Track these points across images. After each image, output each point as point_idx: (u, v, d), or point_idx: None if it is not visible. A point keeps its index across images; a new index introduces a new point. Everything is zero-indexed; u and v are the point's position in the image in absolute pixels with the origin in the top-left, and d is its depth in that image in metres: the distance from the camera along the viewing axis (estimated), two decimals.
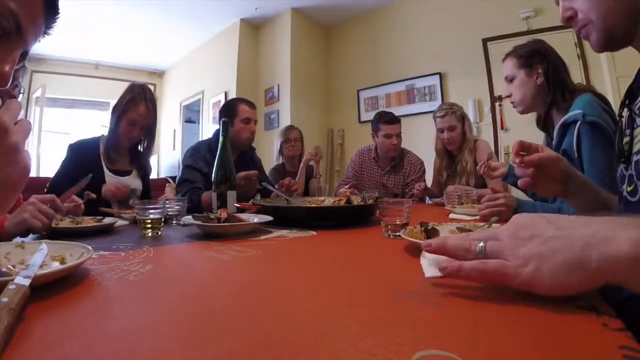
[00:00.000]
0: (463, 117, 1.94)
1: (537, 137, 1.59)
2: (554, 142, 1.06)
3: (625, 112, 0.59)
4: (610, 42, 0.55)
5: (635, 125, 0.55)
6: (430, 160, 2.22)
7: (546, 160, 0.63)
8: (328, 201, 1.21)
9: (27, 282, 0.31)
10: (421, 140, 3.21)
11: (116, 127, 1.41)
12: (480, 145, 1.93)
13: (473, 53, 3.03)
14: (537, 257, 0.31)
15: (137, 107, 1.39)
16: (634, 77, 0.58)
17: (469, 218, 1.07)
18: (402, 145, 2.25)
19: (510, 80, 1.24)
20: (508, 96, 1.28)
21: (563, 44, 2.39)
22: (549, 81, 1.14)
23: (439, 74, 3.29)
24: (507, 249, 0.34)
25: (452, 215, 1.16)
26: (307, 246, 0.67)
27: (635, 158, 0.53)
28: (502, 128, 2.93)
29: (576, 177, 0.68)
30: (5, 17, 0.38)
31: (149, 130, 1.48)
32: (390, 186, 2.12)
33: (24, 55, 0.50)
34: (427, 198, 2.03)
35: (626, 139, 0.57)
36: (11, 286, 0.29)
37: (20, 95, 1.06)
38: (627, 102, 0.58)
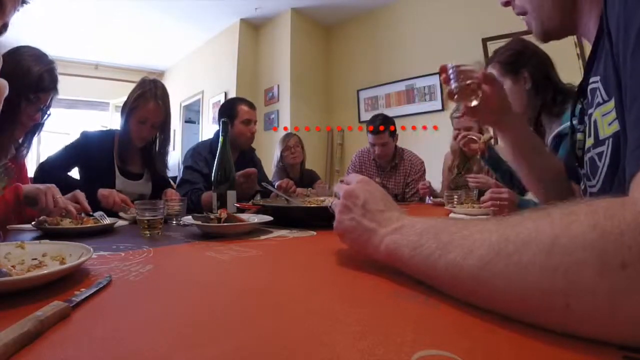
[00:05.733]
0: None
1: None
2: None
3: (577, 107, 0.60)
4: (547, 33, 0.56)
5: (584, 120, 0.55)
6: (429, 160, 2.22)
7: (489, 80, 0.66)
8: (328, 201, 1.21)
9: (70, 304, 0.31)
10: (421, 140, 3.22)
11: (127, 126, 1.34)
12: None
13: (473, 53, 3.03)
14: (341, 224, 0.46)
15: (147, 103, 1.31)
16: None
17: (469, 218, 1.07)
18: (402, 145, 2.25)
19: None
20: None
21: (563, 44, 2.38)
22: (537, 84, 1.09)
23: (439, 73, 3.29)
24: (337, 209, 0.47)
25: (452, 215, 1.16)
26: (307, 246, 0.67)
27: (586, 157, 0.54)
28: None
29: (512, 114, 0.70)
30: None
31: (162, 128, 1.40)
32: (391, 187, 2.12)
33: (4, 27, 0.50)
34: (428, 198, 2.03)
35: (579, 135, 0.58)
36: (53, 304, 0.29)
37: (46, 117, 1.05)
38: (580, 98, 0.59)
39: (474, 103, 0.69)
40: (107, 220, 0.92)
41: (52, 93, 1.05)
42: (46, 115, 1.06)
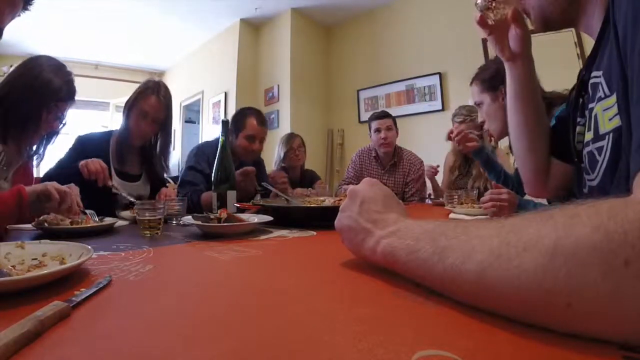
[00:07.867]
0: (482, 124, 1.92)
1: None
2: None
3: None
4: (548, 21, 0.55)
5: (585, 114, 0.55)
6: (429, 161, 2.22)
7: (519, 20, 0.62)
8: (328, 201, 1.21)
9: (70, 304, 0.31)
10: (421, 140, 3.22)
11: (127, 123, 1.34)
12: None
13: (473, 53, 3.03)
14: (339, 222, 0.46)
15: (148, 98, 1.32)
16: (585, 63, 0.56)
17: (469, 218, 1.07)
18: (402, 145, 2.25)
19: (479, 105, 1.22)
20: (482, 122, 1.27)
21: (563, 44, 2.39)
22: None
23: (439, 74, 3.29)
24: (343, 203, 0.47)
25: (452, 215, 1.16)
26: (307, 246, 0.67)
27: (585, 150, 0.53)
28: None
29: (528, 59, 0.68)
30: None
31: (162, 126, 1.39)
32: (390, 186, 2.12)
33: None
34: (427, 199, 2.04)
35: (579, 128, 0.57)
36: (53, 304, 0.29)
37: (62, 125, 1.11)
38: (581, 92, 0.58)
39: (490, 22, 0.67)
40: (97, 218, 0.95)
41: (69, 103, 1.11)
42: (62, 125, 1.11)
